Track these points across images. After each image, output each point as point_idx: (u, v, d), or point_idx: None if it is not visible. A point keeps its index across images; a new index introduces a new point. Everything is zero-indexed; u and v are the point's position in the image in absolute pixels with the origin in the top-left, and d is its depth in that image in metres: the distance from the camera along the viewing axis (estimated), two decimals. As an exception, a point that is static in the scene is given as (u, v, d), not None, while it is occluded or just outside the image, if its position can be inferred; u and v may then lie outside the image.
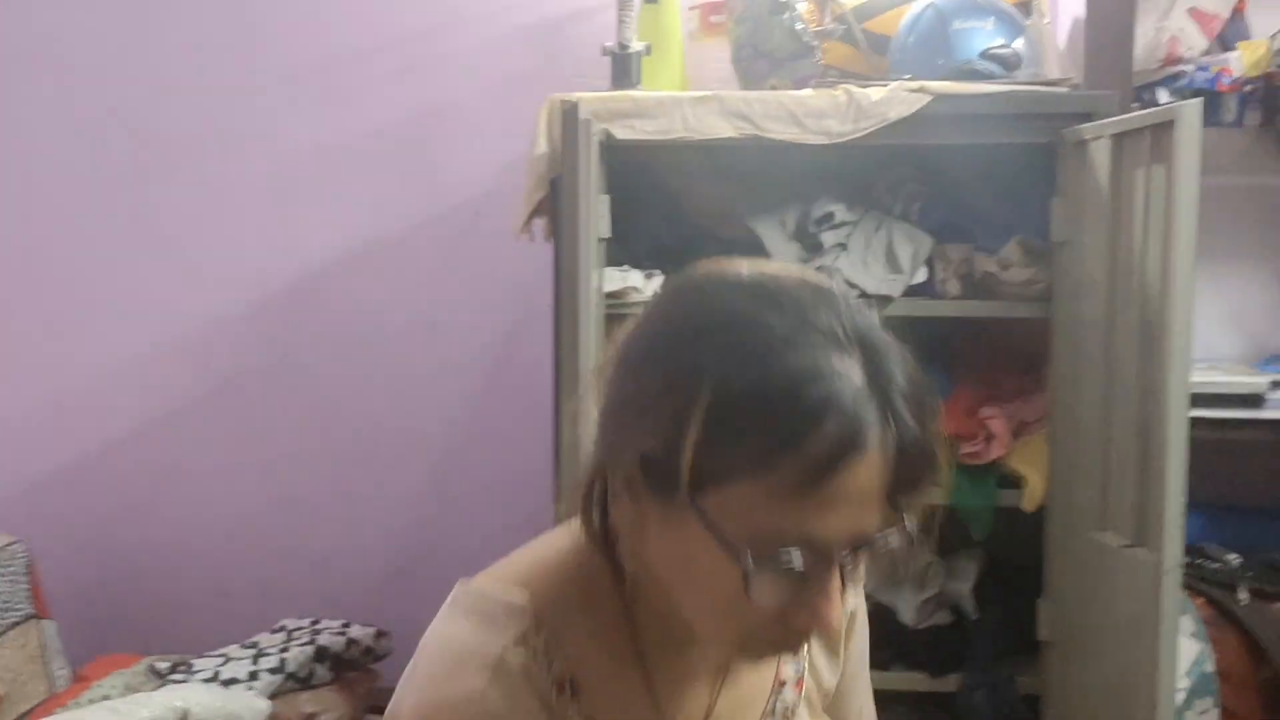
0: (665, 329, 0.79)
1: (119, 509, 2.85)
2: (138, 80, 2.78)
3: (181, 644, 2.65)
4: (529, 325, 2.70)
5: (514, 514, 2.74)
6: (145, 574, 2.85)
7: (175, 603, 2.83)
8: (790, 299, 0.76)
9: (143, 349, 2.82)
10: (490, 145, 2.70)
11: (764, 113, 2.07)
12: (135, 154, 2.80)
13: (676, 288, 0.83)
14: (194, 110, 2.78)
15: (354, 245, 2.77)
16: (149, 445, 2.84)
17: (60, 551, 2.76)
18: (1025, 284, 2.15)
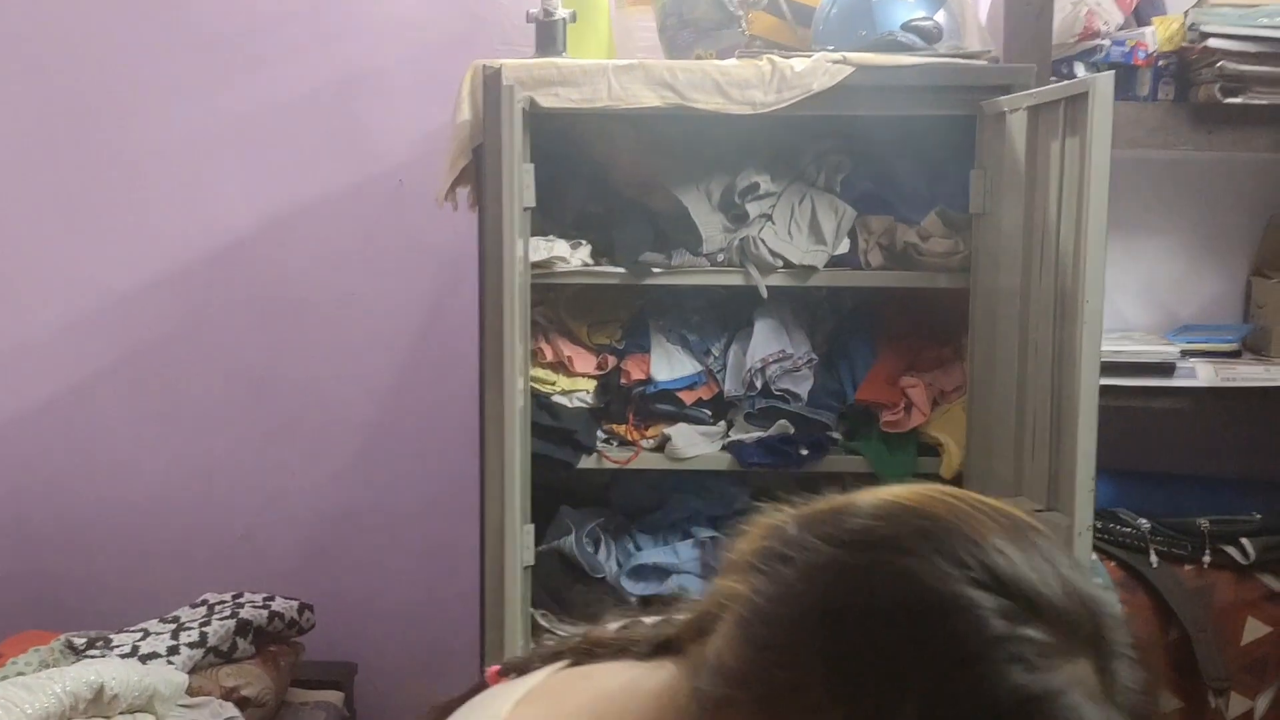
0: (839, 606, 0.62)
1: (32, 483, 2.78)
2: (48, 44, 2.70)
3: (100, 620, 2.60)
4: (453, 295, 2.68)
5: (439, 486, 2.75)
6: (62, 550, 2.79)
7: (93, 578, 2.78)
8: (1000, 569, 0.60)
9: (55, 319, 2.75)
10: (413, 112, 2.66)
11: (689, 82, 2.07)
12: (46, 121, 2.71)
13: (861, 539, 0.64)
14: (108, 75, 2.70)
15: (274, 213, 2.72)
16: (64, 418, 2.77)
17: (-29, 526, 2.70)
18: (945, 255, 2.19)
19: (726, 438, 2.30)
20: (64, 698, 1.80)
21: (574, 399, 2.33)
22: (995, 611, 0.59)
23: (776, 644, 0.63)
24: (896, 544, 0.62)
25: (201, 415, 2.77)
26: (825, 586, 0.62)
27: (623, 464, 2.30)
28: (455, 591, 2.68)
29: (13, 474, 2.78)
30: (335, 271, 2.73)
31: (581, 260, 2.25)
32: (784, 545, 0.66)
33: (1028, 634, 0.58)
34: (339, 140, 2.69)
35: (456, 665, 2.64)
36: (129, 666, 1.97)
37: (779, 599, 0.63)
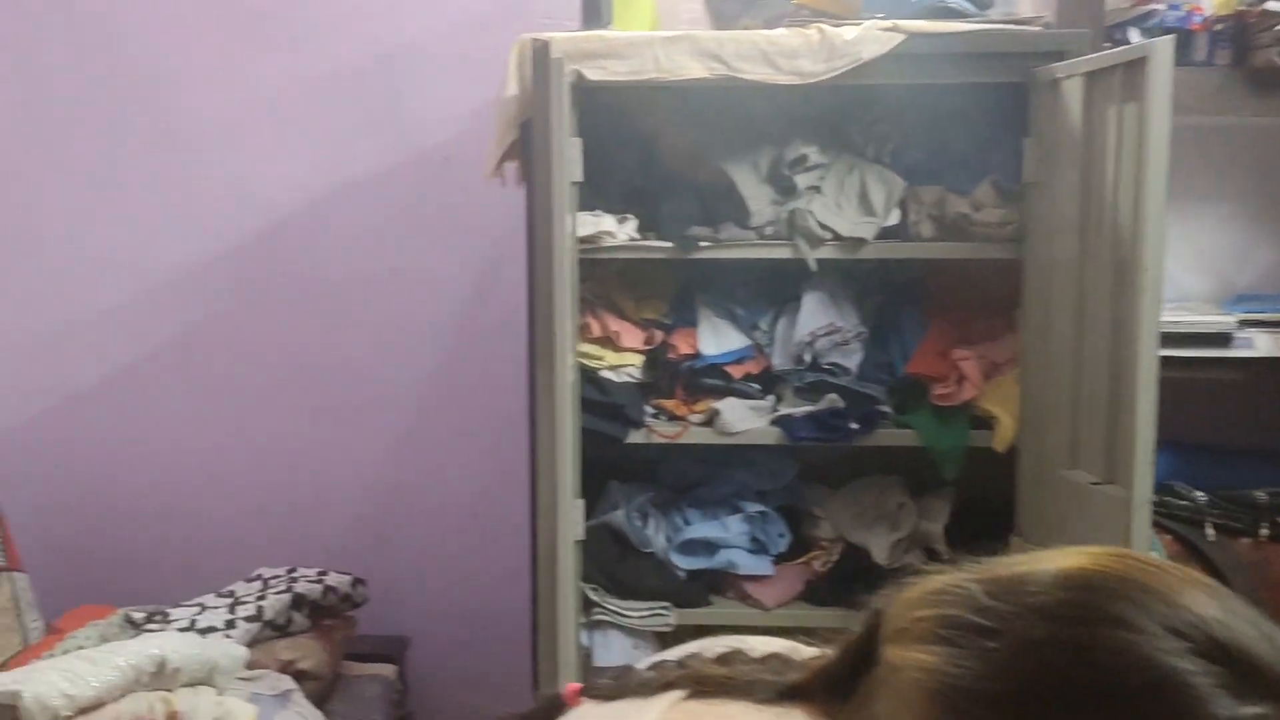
0: (1059, 682, 0.60)
1: (90, 461, 2.82)
2: (91, 25, 2.71)
3: (156, 595, 2.64)
4: (500, 271, 2.68)
5: (487, 461, 2.76)
6: (119, 525, 2.83)
7: (149, 554, 2.82)
8: (1218, 635, 0.59)
9: (104, 301, 2.78)
10: (458, 88, 2.66)
11: (736, 53, 2.05)
12: (91, 102, 2.73)
13: (1078, 612, 0.62)
14: (152, 54, 2.71)
15: (320, 192, 2.73)
16: (117, 398, 2.81)
17: (31, 504, 2.73)
18: (997, 225, 2.16)
19: (775, 412, 2.29)
20: (126, 670, 1.83)
21: (622, 374, 2.32)
22: (1219, 687, 0.57)
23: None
24: (1110, 617, 0.60)
25: (251, 393, 2.80)
26: (1042, 662, 0.60)
27: (671, 439, 2.29)
28: (504, 565, 2.69)
29: (69, 454, 2.82)
30: (382, 249, 2.74)
31: (628, 235, 2.24)
32: (979, 615, 0.63)
33: (1253, 712, 0.57)
34: (385, 117, 2.70)
35: (506, 638, 2.65)
36: (190, 640, 2.00)
37: (985, 675, 0.61)
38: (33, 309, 2.79)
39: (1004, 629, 0.61)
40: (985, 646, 0.61)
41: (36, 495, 2.78)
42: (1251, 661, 0.58)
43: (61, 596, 2.65)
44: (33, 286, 2.78)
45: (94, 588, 2.70)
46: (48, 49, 2.72)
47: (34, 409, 2.81)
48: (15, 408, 2.81)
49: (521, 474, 2.23)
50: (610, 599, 2.30)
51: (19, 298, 2.79)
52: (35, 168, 2.75)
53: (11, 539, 2.55)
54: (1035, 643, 0.60)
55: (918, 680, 0.63)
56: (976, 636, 0.62)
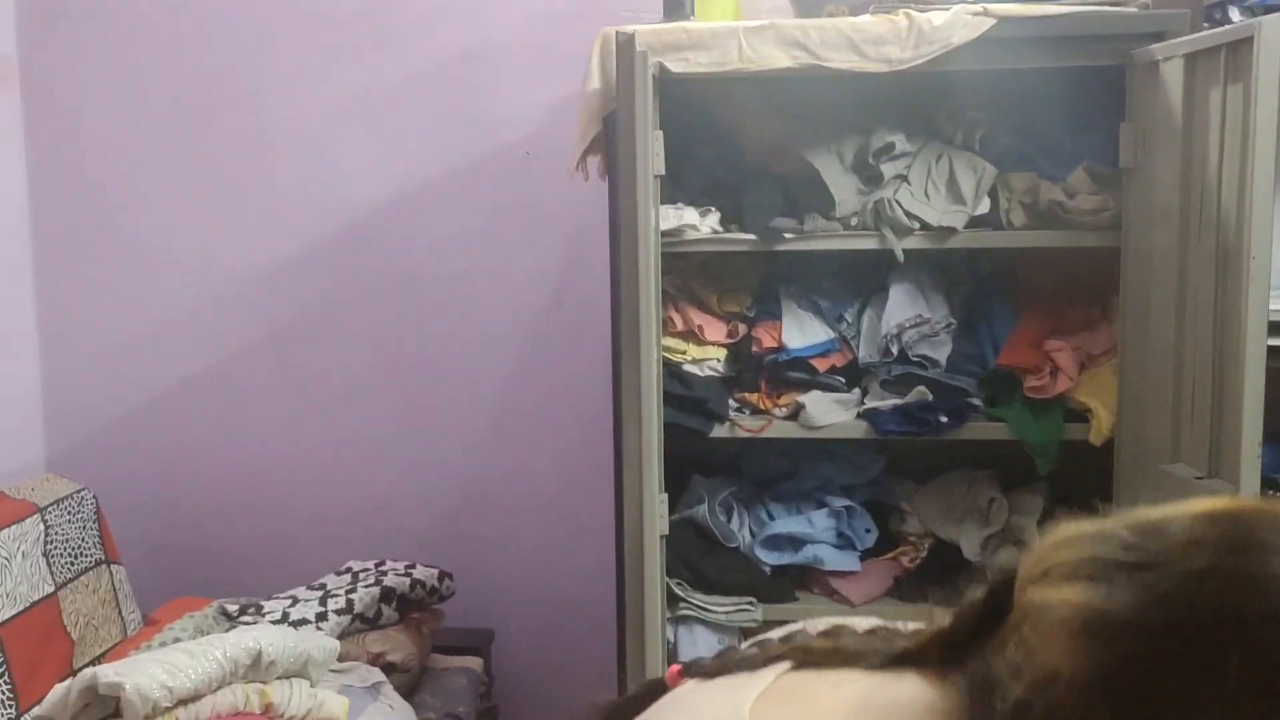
0: (1236, 608, 0.60)
1: (184, 455, 2.89)
2: (182, 30, 2.77)
3: (248, 587, 2.70)
4: (581, 265, 2.68)
5: (570, 456, 2.76)
6: (211, 518, 2.89)
7: (241, 546, 2.88)
8: None
9: (202, 299, 2.84)
10: (538, 84, 2.66)
11: (822, 41, 2.02)
12: (182, 105, 2.79)
13: (1234, 543, 0.62)
14: (239, 57, 2.76)
15: (405, 190, 2.75)
16: (208, 395, 2.87)
17: (127, 498, 2.81)
18: (1093, 212, 2.10)
19: (862, 405, 2.26)
20: (224, 663, 1.87)
21: (705, 368, 2.30)
22: None
23: (1150, 650, 0.60)
24: (1270, 545, 0.60)
25: (338, 389, 2.83)
26: (1207, 591, 0.59)
27: (755, 433, 2.27)
28: (588, 559, 2.69)
29: (163, 449, 2.89)
30: (465, 246, 2.75)
31: (711, 227, 2.22)
32: (1127, 552, 0.62)
33: None
34: (466, 115, 2.71)
35: (590, 631, 2.65)
36: (285, 633, 2.03)
37: (1143, 605, 0.60)
38: (129, 308, 2.86)
39: (1158, 563, 0.61)
40: (1141, 580, 0.61)
41: (134, 490, 2.85)
42: None
43: (158, 589, 2.72)
44: (129, 285, 2.85)
45: (189, 580, 2.77)
46: (144, 58, 2.78)
47: (131, 406, 2.88)
48: (113, 405, 2.89)
49: (604, 468, 2.22)
50: (695, 594, 2.29)
51: (116, 297, 2.86)
52: (132, 171, 2.82)
53: (110, 533, 2.62)
54: (1197, 573, 0.60)
55: (1066, 616, 0.62)
56: (1130, 571, 0.61)
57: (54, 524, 2.44)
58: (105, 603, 2.53)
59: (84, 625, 2.44)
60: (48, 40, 2.79)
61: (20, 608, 2.29)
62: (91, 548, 2.54)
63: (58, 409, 2.88)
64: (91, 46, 2.79)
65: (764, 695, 0.72)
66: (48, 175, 2.82)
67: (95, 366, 2.87)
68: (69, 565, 2.45)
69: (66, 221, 2.84)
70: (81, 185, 2.83)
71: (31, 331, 2.85)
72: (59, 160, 2.82)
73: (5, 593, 2.26)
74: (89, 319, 2.86)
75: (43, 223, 2.84)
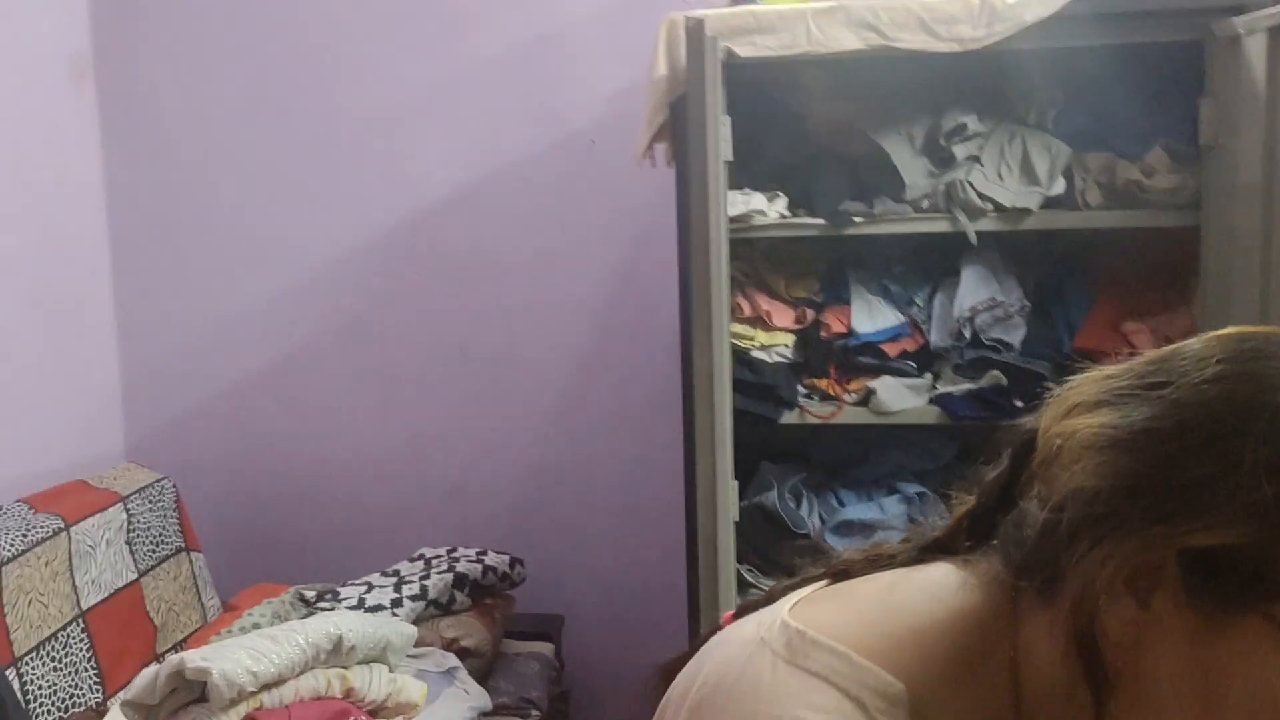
0: (1248, 400, 0.64)
1: (258, 444, 2.94)
2: (255, 23, 2.81)
3: (323, 573, 2.74)
4: (648, 251, 2.68)
5: (638, 442, 2.77)
6: (286, 505, 2.94)
7: (316, 532, 2.92)
8: None
9: (276, 288, 2.88)
10: (603, 70, 2.66)
11: (892, 21, 1.99)
12: (254, 97, 2.83)
13: (1243, 351, 0.67)
14: (309, 48, 2.79)
15: (474, 177, 2.77)
16: (283, 383, 2.91)
17: (204, 486, 2.87)
18: (1171, 191, 2.06)
19: (934, 390, 2.24)
20: (306, 648, 1.90)
21: (773, 354, 2.29)
22: None
23: (1170, 451, 0.64)
24: (1272, 353, 0.66)
25: (408, 377, 2.86)
26: (1221, 392, 0.64)
27: (825, 419, 2.26)
28: (657, 544, 2.70)
29: (239, 437, 2.94)
30: (532, 232, 2.77)
31: (779, 212, 2.21)
32: (1143, 378, 0.68)
33: None
34: (533, 102, 2.72)
35: (660, 616, 2.67)
36: (364, 619, 2.07)
37: (1161, 414, 0.65)
38: (206, 298, 2.91)
39: (1171, 379, 0.66)
40: (1157, 394, 0.66)
41: (210, 478, 2.91)
42: None
43: (235, 575, 2.77)
44: (206, 277, 2.91)
45: (265, 567, 2.82)
46: (216, 51, 2.83)
47: (208, 395, 2.94)
48: (191, 395, 2.95)
49: (672, 453, 2.23)
50: (765, 580, 2.29)
51: (193, 288, 2.91)
52: (206, 163, 2.87)
53: (190, 521, 2.67)
54: (1209, 379, 0.65)
55: (1088, 438, 0.66)
56: (1146, 390, 0.67)
57: (136, 512, 2.50)
58: (185, 589, 2.59)
59: (165, 611, 2.50)
60: (122, 37, 2.84)
61: (105, 594, 2.35)
62: (172, 535, 2.60)
63: (137, 399, 2.94)
64: (164, 42, 2.84)
65: (800, 601, 0.74)
66: (124, 169, 2.88)
67: (173, 357, 2.93)
68: (151, 553, 2.51)
69: (143, 214, 2.89)
70: (157, 178, 2.88)
71: (110, 323, 2.92)
72: (135, 154, 2.88)
73: (91, 580, 2.32)
74: (166, 310, 2.92)
75: (120, 216, 2.90)
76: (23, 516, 2.26)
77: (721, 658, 0.72)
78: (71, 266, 2.78)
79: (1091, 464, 0.65)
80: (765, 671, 0.67)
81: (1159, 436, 0.64)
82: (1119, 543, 0.63)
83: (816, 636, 0.68)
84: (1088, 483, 0.65)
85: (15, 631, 2.10)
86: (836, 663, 0.67)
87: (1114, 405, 0.67)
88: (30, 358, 2.60)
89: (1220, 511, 0.61)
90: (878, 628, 0.70)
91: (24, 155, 2.59)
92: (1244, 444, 0.62)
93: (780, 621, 0.70)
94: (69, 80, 2.78)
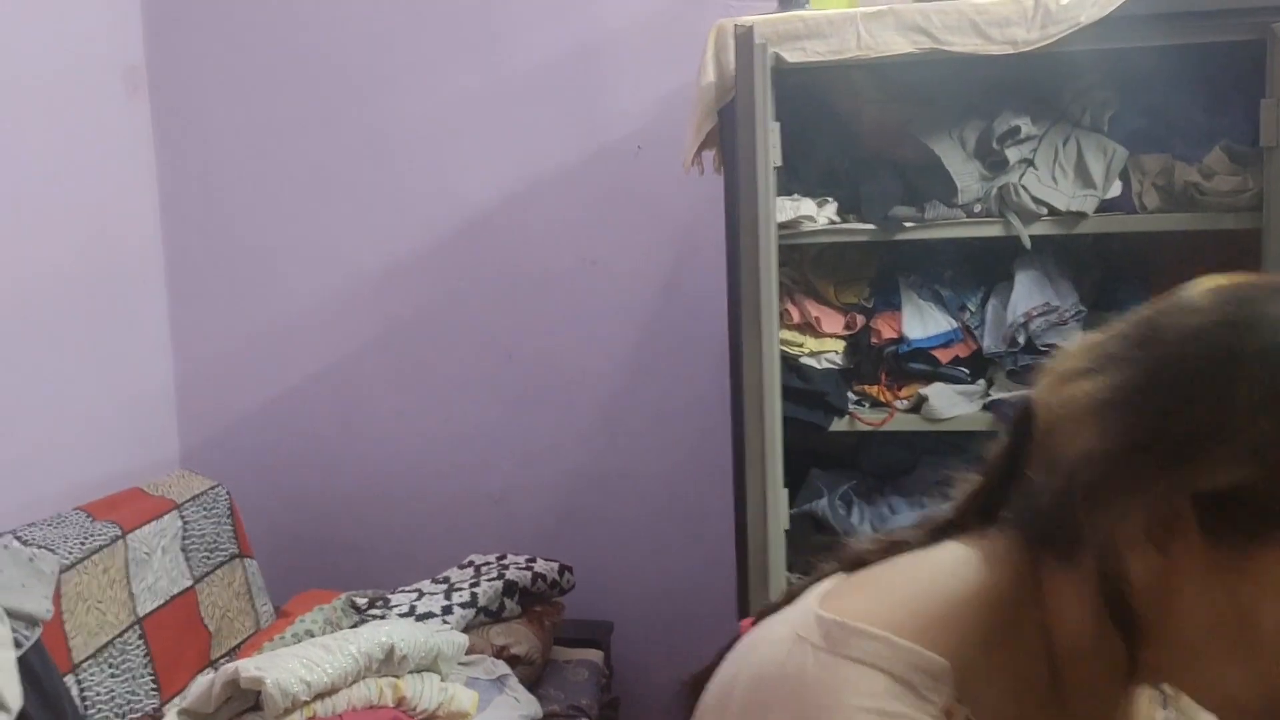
0: (1235, 345, 0.66)
1: (310, 450, 2.97)
2: (306, 34, 2.83)
3: (374, 578, 2.76)
4: (693, 258, 2.68)
5: (685, 449, 2.76)
6: (337, 512, 2.97)
7: (366, 538, 2.95)
8: None
9: (325, 295, 2.91)
10: (650, 77, 2.66)
11: (943, 24, 1.97)
12: (302, 108, 2.86)
13: (1227, 299, 0.70)
14: (356, 57, 2.82)
15: (517, 185, 2.78)
16: (332, 391, 2.94)
17: (257, 492, 2.90)
18: (1232, 193, 2.01)
19: (987, 396, 2.21)
20: (359, 658, 1.91)
21: (823, 360, 2.27)
22: None
23: (1166, 404, 0.67)
24: (1258, 299, 0.68)
25: (455, 384, 2.88)
26: (1214, 338, 0.67)
27: (876, 425, 2.24)
28: (705, 549, 2.70)
29: (291, 444, 2.97)
30: (577, 240, 2.77)
31: (828, 218, 2.19)
32: (1129, 338, 0.71)
33: None
34: (577, 110, 2.72)
35: (709, 623, 2.65)
36: (416, 628, 2.07)
37: (1150, 370, 0.68)
38: (257, 307, 2.95)
39: (1158, 335, 0.69)
40: (1146, 351, 0.69)
41: (263, 485, 2.94)
42: None
43: (287, 581, 2.80)
44: (256, 286, 2.94)
45: (316, 573, 2.84)
46: (266, 63, 2.86)
47: (260, 403, 2.97)
48: (243, 402, 2.98)
49: (720, 459, 2.22)
50: (816, 589, 2.27)
51: (244, 297, 2.95)
52: (257, 173, 2.90)
53: (243, 527, 2.70)
54: (1194, 329, 0.68)
55: (1084, 403, 0.69)
56: (1137, 349, 0.70)
57: (191, 519, 2.53)
58: (239, 595, 2.62)
59: (220, 618, 2.53)
60: (174, 50, 2.88)
61: (161, 601, 2.38)
62: (226, 542, 2.62)
63: (190, 406, 2.98)
64: (216, 54, 2.87)
65: (826, 594, 0.75)
66: (177, 180, 2.92)
67: (225, 365, 2.97)
68: (205, 559, 2.54)
69: (195, 224, 2.93)
70: (209, 189, 2.92)
71: (164, 332, 2.96)
72: (187, 165, 2.92)
73: (147, 587, 2.35)
74: (218, 319, 2.95)
75: (173, 226, 2.94)
76: (81, 524, 2.29)
77: (757, 660, 0.72)
78: (126, 275, 2.82)
79: (1096, 427, 0.69)
80: (808, 665, 0.68)
81: (1156, 391, 0.68)
82: (1133, 497, 0.67)
83: (854, 624, 0.69)
84: (1094, 445, 0.68)
85: (74, 638, 2.13)
86: (878, 647, 0.68)
87: (1107, 368, 0.70)
88: (86, 367, 2.64)
89: (1224, 453, 0.65)
90: (910, 608, 0.71)
91: (79, 165, 2.64)
92: (1236, 389, 0.65)
93: (814, 615, 0.71)
94: (123, 92, 2.83)
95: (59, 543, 2.18)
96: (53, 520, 2.28)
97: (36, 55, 2.50)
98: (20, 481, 2.41)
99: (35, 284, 2.48)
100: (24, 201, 2.46)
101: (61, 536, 2.21)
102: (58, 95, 2.57)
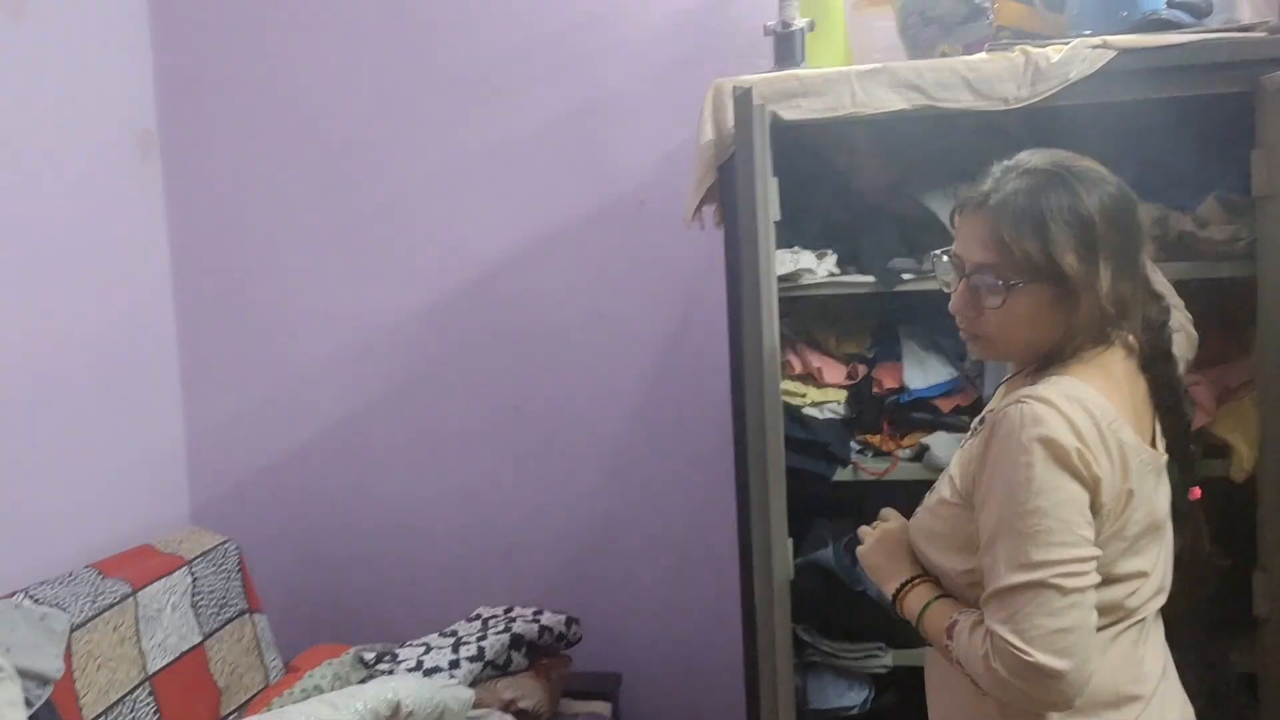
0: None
1: (318, 506, 2.99)
2: (315, 99, 2.89)
3: (383, 632, 2.77)
4: (697, 312, 2.71)
5: (692, 499, 2.77)
6: (345, 566, 2.98)
7: (374, 591, 2.95)
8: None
9: (332, 351, 2.94)
10: (651, 134, 2.71)
11: (936, 81, 2.01)
12: (314, 170, 2.92)
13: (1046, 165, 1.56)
14: (364, 121, 2.87)
15: (523, 241, 2.82)
16: (342, 445, 2.96)
17: (266, 548, 2.91)
18: (1226, 242, 2.04)
19: (989, 445, 2.22)
20: (365, 714, 1.92)
21: (825, 410, 2.29)
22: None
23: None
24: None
25: (464, 438, 2.90)
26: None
27: (879, 475, 2.25)
28: (711, 599, 2.70)
29: (300, 498, 2.99)
30: (582, 294, 2.80)
31: (828, 270, 2.22)
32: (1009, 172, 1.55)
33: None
34: (582, 166, 2.77)
35: (717, 673, 2.66)
36: (422, 684, 2.08)
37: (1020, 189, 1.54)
38: (266, 366, 2.98)
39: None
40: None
41: (272, 540, 2.96)
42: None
43: (296, 635, 2.81)
44: (266, 345, 2.98)
45: (325, 627, 2.85)
46: (276, 127, 2.92)
47: (270, 460, 3.00)
48: (253, 459, 3.01)
49: (727, 511, 2.23)
50: (823, 640, 2.27)
51: (254, 356, 2.98)
52: (267, 235, 2.95)
53: (253, 583, 2.71)
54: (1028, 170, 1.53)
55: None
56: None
57: (201, 576, 2.54)
58: (249, 651, 2.62)
59: (229, 674, 2.53)
60: (186, 113, 2.94)
61: (171, 658, 2.39)
62: (235, 598, 2.64)
63: (201, 463, 3.01)
64: (227, 118, 2.93)
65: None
66: (188, 240, 2.97)
67: (235, 422, 3.00)
68: (215, 615, 2.55)
69: (206, 284, 2.98)
70: (220, 248, 2.97)
71: (175, 391, 2.99)
72: (198, 226, 2.97)
73: (157, 644, 2.36)
74: (229, 377, 2.99)
75: (184, 286, 2.98)
76: (92, 582, 2.31)
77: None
78: (138, 335, 2.86)
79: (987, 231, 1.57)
80: (1030, 427, 1.40)
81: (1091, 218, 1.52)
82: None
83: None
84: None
85: (84, 697, 2.14)
86: (1067, 395, 1.43)
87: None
88: (98, 425, 2.67)
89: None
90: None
91: (93, 226, 2.69)
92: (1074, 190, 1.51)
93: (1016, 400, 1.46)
94: (136, 155, 2.88)
95: (70, 601, 2.20)
96: (64, 578, 2.30)
97: (50, 120, 2.56)
98: (33, 540, 2.43)
99: (48, 344, 2.52)
100: (37, 263, 2.50)
101: (72, 594, 2.23)
102: (71, 159, 2.63)
